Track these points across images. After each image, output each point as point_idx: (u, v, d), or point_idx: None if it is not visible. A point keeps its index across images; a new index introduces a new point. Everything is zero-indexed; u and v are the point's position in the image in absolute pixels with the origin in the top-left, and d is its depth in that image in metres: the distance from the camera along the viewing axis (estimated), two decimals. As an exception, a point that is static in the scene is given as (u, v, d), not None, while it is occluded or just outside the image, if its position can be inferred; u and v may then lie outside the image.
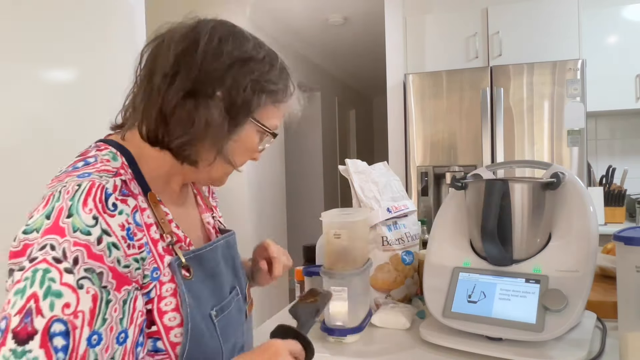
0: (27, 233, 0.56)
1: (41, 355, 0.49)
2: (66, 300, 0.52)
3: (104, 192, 0.58)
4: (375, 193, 1.15)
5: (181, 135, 0.65)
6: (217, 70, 0.65)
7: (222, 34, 0.68)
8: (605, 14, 2.78)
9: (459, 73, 2.71)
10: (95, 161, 0.64)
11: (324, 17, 3.81)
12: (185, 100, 0.64)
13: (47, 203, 0.57)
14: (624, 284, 0.75)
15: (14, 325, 0.50)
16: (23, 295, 0.51)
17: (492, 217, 0.86)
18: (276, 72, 0.71)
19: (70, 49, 1.87)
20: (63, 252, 0.53)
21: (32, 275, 0.52)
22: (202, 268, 0.70)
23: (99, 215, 0.56)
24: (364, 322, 0.97)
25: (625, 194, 2.64)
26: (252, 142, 0.72)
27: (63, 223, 0.54)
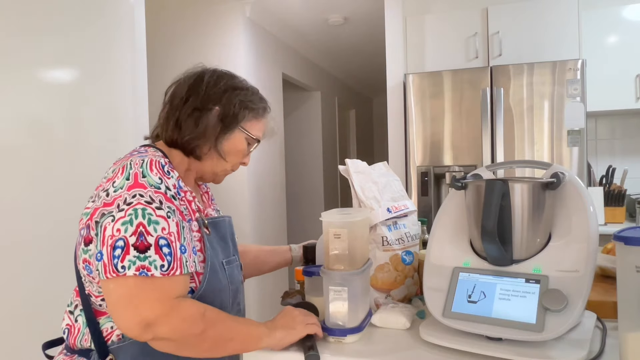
0: (115, 190, 0.84)
1: (157, 258, 0.80)
2: (162, 226, 0.83)
3: (160, 164, 0.89)
4: (375, 193, 1.15)
5: (188, 134, 0.98)
6: (216, 94, 1.00)
7: (220, 73, 1.04)
8: (605, 14, 2.79)
9: (459, 73, 2.71)
10: (147, 152, 0.94)
11: (324, 17, 3.81)
12: (194, 113, 0.98)
13: (122, 171, 0.86)
14: (624, 284, 0.75)
15: (132, 242, 0.79)
16: (132, 224, 0.80)
17: (492, 217, 0.86)
18: (257, 97, 1.06)
19: (70, 49, 1.87)
20: (150, 197, 0.83)
21: (134, 212, 0.81)
22: (216, 231, 1.02)
23: (162, 177, 0.87)
24: (364, 322, 0.97)
25: (625, 194, 2.64)
26: (242, 146, 1.04)
27: (141, 181, 0.84)
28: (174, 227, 0.84)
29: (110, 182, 0.85)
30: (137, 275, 0.78)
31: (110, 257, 0.78)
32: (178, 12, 3.42)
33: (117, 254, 0.78)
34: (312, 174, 5.07)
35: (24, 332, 1.65)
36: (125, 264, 0.78)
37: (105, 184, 0.86)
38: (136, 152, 0.93)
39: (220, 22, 3.43)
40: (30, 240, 1.69)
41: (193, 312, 0.82)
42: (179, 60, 3.44)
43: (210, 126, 0.98)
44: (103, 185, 0.87)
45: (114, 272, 0.78)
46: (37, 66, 1.75)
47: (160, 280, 0.80)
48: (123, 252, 0.78)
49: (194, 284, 0.91)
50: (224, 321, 0.86)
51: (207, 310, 0.84)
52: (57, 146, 1.81)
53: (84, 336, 0.91)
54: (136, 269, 0.78)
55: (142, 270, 0.78)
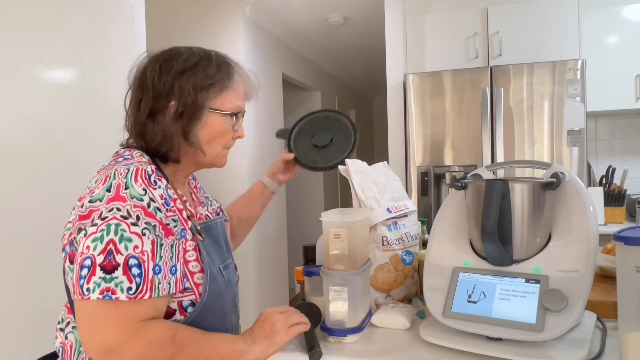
0: (92, 202, 0.77)
1: (125, 280, 0.73)
2: (135, 244, 0.75)
3: (146, 173, 0.81)
4: (375, 193, 1.15)
5: (153, 141, 0.90)
6: (164, 87, 0.89)
7: (162, 59, 0.91)
8: (605, 14, 2.78)
9: (459, 73, 2.71)
10: (132, 157, 0.86)
11: (324, 17, 3.81)
12: (149, 118, 0.90)
13: (105, 181, 0.79)
14: (624, 284, 0.75)
15: (100, 261, 0.73)
16: (102, 241, 0.74)
17: (492, 217, 0.86)
18: (212, 68, 0.92)
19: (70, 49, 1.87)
20: (127, 212, 0.76)
21: (106, 227, 0.74)
22: (210, 235, 0.95)
23: (146, 188, 0.80)
24: (364, 322, 0.97)
25: (625, 194, 2.64)
26: (220, 126, 0.93)
27: (122, 193, 0.77)
28: (148, 245, 0.76)
29: (91, 192, 0.79)
30: (100, 299, 0.72)
31: (78, 277, 0.73)
32: (178, 12, 3.42)
33: (83, 274, 0.72)
34: (312, 174, 5.07)
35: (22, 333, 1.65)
36: (90, 285, 0.72)
37: (85, 195, 0.80)
38: (121, 159, 0.86)
39: (220, 22, 3.43)
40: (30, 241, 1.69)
41: (160, 336, 0.77)
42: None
43: (171, 126, 0.89)
44: (85, 197, 0.80)
45: (79, 294, 0.73)
46: (37, 66, 1.75)
47: (125, 305, 0.73)
48: (89, 273, 0.72)
49: (194, 297, 0.86)
50: (196, 342, 0.81)
51: (177, 333, 0.78)
52: (57, 146, 1.81)
53: (80, 354, 0.86)
54: (100, 291, 0.72)
55: (106, 294, 0.72)
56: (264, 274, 3.67)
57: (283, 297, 3.99)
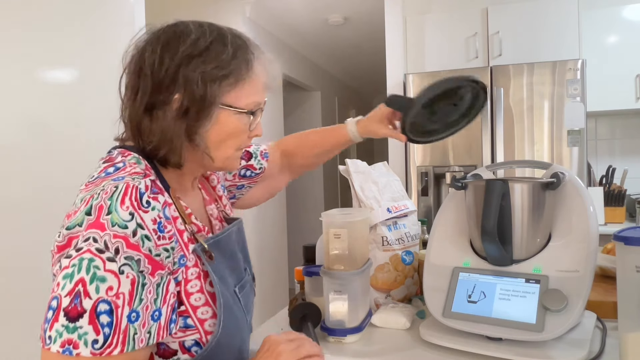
0: (70, 229, 0.63)
1: (90, 330, 0.59)
2: (110, 284, 0.60)
3: (138, 192, 0.65)
4: (375, 193, 1.15)
5: (149, 142, 0.73)
6: (166, 77, 0.71)
7: (164, 40, 0.73)
8: (605, 14, 2.79)
9: (459, 73, 2.70)
10: (124, 166, 0.70)
11: (324, 17, 3.81)
12: (146, 114, 0.73)
13: (87, 203, 0.63)
14: (624, 284, 0.75)
15: (64, 305, 0.59)
16: (72, 280, 0.59)
17: (492, 217, 0.86)
18: (227, 53, 0.74)
19: (70, 49, 1.87)
20: (105, 243, 0.61)
21: (78, 262, 0.60)
22: (221, 252, 0.79)
23: (134, 212, 0.63)
24: (364, 322, 0.97)
25: (625, 194, 2.64)
26: (233, 125, 0.76)
27: (103, 219, 0.61)
28: (126, 286, 0.60)
29: (72, 217, 0.64)
30: (60, 352, 0.58)
31: (44, 320, 0.60)
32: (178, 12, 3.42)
33: (48, 317, 0.60)
34: (312, 174, 5.07)
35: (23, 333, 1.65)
36: (52, 333, 0.59)
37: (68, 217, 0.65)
38: (112, 169, 0.70)
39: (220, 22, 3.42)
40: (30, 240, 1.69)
41: None
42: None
43: (168, 126, 0.72)
44: (65, 220, 0.66)
45: (42, 340, 0.60)
46: (37, 66, 1.75)
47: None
48: (53, 317, 0.59)
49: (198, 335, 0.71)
50: None
51: None
52: (57, 146, 1.81)
53: None
54: (61, 343, 0.58)
55: (67, 347, 0.58)
56: (264, 273, 3.67)
57: (283, 297, 3.99)
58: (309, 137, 1.15)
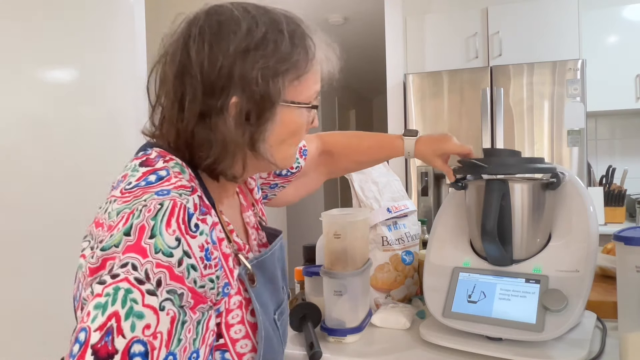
0: (105, 250, 0.53)
1: None
2: (147, 322, 0.50)
3: (187, 213, 0.56)
4: (375, 193, 1.15)
5: (206, 157, 0.63)
6: (220, 78, 0.61)
7: (211, 33, 0.62)
8: (605, 14, 2.79)
9: (459, 73, 2.71)
10: (169, 175, 0.60)
11: (324, 17, 3.81)
12: (200, 124, 0.62)
13: (126, 220, 0.54)
14: (624, 284, 0.75)
15: (94, 342, 0.49)
16: (104, 312, 0.50)
17: (492, 217, 0.86)
18: (285, 43, 0.63)
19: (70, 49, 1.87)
20: (146, 273, 0.51)
21: (113, 292, 0.50)
22: (263, 274, 0.70)
23: (181, 237, 0.54)
24: (364, 322, 0.97)
25: (625, 194, 2.64)
26: (296, 123, 0.67)
27: (145, 243, 0.52)
28: (165, 325, 0.52)
29: (109, 234, 0.55)
30: None
31: (69, 354, 0.50)
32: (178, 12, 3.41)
33: (74, 352, 0.49)
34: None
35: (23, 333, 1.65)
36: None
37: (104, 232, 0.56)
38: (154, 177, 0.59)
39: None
40: (30, 240, 1.69)
41: None
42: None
43: (231, 137, 0.62)
44: (100, 233, 0.57)
45: None
46: (37, 66, 1.75)
47: None
48: (79, 354, 0.49)
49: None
50: None
51: None
52: (57, 146, 1.81)
53: None
54: None
55: None
56: (264, 274, 3.66)
57: (283, 297, 3.99)
58: (362, 142, 1.06)
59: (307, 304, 0.99)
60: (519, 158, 0.91)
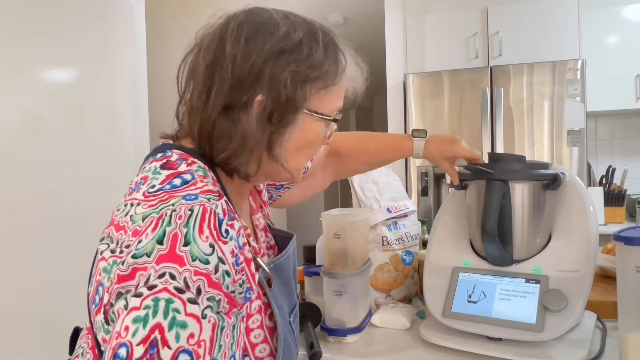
0: (137, 257, 0.52)
1: None
2: (191, 331, 0.50)
3: (217, 218, 0.56)
4: (375, 193, 1.15)
5: (223, 151, 0.63)
6: (250, 74, 0.61)
7: (249, 30, 0.63)
8: (605, 14, 2.79)
9: (459, 73, 2.71)
10: (194, 179, 0.60)
11: (324, 17, 3.81)
12: (222, 116, 0.62)
13: (156, 226, 0.53)
14: (624, 284, 0.75)
15: (137, 356, 0.47)
16: (145, 325, 0.49)
17: (492, 217, 0.86)
18: (319, 52, 0.64)
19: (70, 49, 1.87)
20: (185, 281, 0.51)
21: (153, 304, 0.49)
22: (279, 277, 0.70)
23: (215, 244, 0.54)
24: (364, 322, 0.97)
25: (625, 194, 2.64)
26: (314, 133, 0.68)
27: (180, 251, 0.52)
28: (207, 332, 0.51)
29: (136, 239, 0.53)
30: None
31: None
32: (178, 12, 3.42)
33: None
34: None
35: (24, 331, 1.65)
36: None
37: (128, 236, 0.54)
38: (179, 181, 0.59)
39: (220, 22, 3.43)
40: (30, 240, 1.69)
41: None
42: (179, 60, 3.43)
43: (251, 133, 0.62)
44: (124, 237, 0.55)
45: None
46: (37, 66, 1.75)
47: None
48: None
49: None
50: None
51: None
52: (57, 146, 1.81)
53: None
54: None
55: None
56: (264, 274, 3.66)
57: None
58: (369, 142, 1.04)
59: (307, 304, 0.99)
60: (523, 164, 0.91)
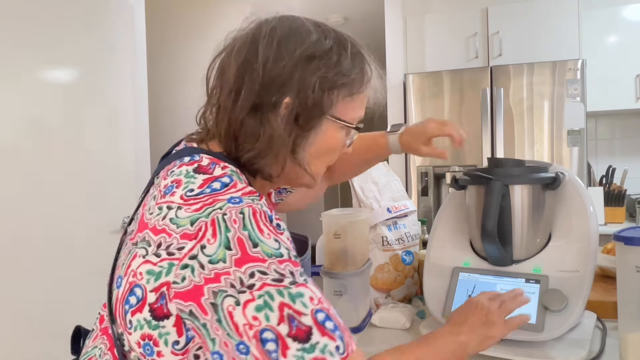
0: (214, 263, 0.55)
1: (327, 341, 0.54)
2: (309, 295, 0.56)
3: (267, 215, 0.59)
4: (375, 193, 1.15)
5: (248, 150, 0.65)
6: (280, 76, 0.64)
7: (282, 35, 0.66)
8: (605, 14, 2.78)
9: (459, 73, 2.71)
10: (232, 181, 0.61)
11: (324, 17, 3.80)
12: (251, 115, 0.64)
13: (214, 232, 0.56)
14: (624, 284, 0.75)
15: (286, 332, 0.53)
16: (273, 308, 0.53)
17: (492, 217, 0.86)
18: (347, 60, 0.67)
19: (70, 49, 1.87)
20: (276, 272, 0.55)
21: (265, 293, 0.54)
22: None
23: (277, 237, 0.57)
24: (364, 322, 0.97)
25: (625, 194, 2.64)
26: (336, 140, 0.70)
27: (254, 253, 0.55)
28: (317, 291, 0.58)
29: (193, 243, 0.55)
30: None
31: (264, 352, 0.54)
32: (178, 12, 3.42)
33: (270, 349, 0.53)
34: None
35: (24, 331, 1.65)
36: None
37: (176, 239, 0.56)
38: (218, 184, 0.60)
39: (221, 22, 3.43)
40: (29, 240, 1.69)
41: None
42: (179, 60, 3.44)
43: (278, 133, 0.64)
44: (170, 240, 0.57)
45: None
46: (37, 66, 1.75)
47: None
48: (280, 348, 0.53)
49: None
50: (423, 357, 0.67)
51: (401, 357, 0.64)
52: (57, 146, 1.81)
53: None
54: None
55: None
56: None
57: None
58: None
59: None
60: (523, 168, 0.91)
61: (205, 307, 0.55)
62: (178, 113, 3.40)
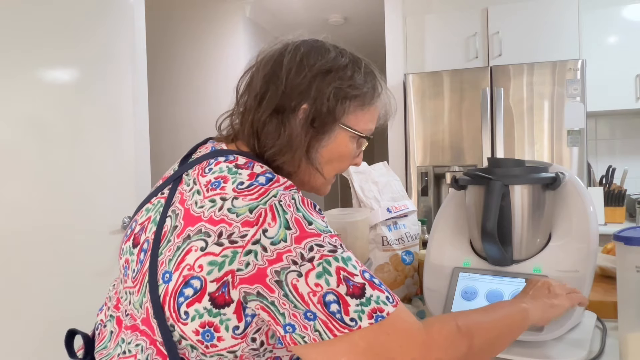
0: (275, 244, 0.62)
1: (379, 294, 0.63)
2: (354, 259, 0.65)
3: (310, 201, 0.68)
4: (375, 193, 1.15)
5: (270, 148, 0.74)
6: (300, 85, 0.73)
7: (304, 51, 0.76)
8: (605, 14, 2.78)
9: (459, 73, 2.71)
10: (275, 177, 0.68)
11: (324, 17, 3.82)
12: (273, 116, 0.74)
13: (274, 216, 0.63)
14: (624, 284, 0.75)
15: (344, 291, 0.61)
16: (330, 273, 0.62)
17: (492, 218, 0.86)
18: (360, 76, 0.77)
19: (70, 50, 1.87)
20: (329, 244, 0.64)
21: (323, 261, 0.62)
22: None
23: (323, 219, 0.68)
24: (364, 322, 0.97)
25: (625, 194, 2.64)
26: (347, 148, 0.79)
27: (309, 229, 0.64)
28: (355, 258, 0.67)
29: (256, 229, 0.62)
30: (372, 324, 0.61)
31: (329, 315, 0.61)
32: (178, 12, 3.42)
33: (334, 310, 0.61)
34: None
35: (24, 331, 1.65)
36: (352, 315, 0.61)
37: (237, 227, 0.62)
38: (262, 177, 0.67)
39: (221, 22, 3.43)
40: (29, 240, 1.69)
41: (447, 333, 0.66)
42: (179, 60, 3.44)
43: (296, 133, 0.73)
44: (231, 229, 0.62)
45: (343, 328, 0.61)
46: (37, 66, 1.75)
47: (394, 316, 0.63)
48: (342, 306, 0.61)
49: None
50: (479, 322, 0.70)
51: (456, 320, 0.67)
52: (57, 146, 1.81)
53: None
54: (368, 316, 0.61)
55: (376, 315, 0.62)
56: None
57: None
58: None
59: None
60: (523, 168, 0.91)
61: (271, 286, 0.61)
62: (178, 113, 3.40)
